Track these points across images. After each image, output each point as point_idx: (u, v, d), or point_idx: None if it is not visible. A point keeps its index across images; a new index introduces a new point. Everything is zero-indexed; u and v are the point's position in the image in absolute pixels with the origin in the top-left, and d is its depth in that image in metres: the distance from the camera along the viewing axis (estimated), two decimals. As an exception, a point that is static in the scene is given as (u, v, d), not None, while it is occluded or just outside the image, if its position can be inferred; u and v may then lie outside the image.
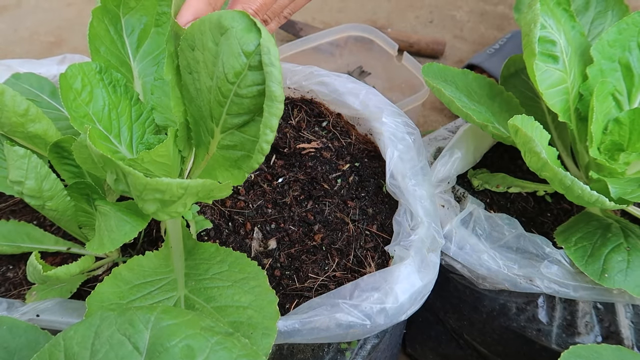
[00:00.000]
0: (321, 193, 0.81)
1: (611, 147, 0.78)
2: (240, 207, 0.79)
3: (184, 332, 0.45)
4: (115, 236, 0.57)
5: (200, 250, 0.67)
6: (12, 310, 0.66)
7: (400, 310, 0.64)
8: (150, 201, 0.53)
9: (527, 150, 0.67)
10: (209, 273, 0.64)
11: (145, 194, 0.51)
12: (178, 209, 0.56)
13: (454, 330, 0.93)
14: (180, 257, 0.67)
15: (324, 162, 0.85)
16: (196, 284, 0.63)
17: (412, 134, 0.82)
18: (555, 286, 0.72)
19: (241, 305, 0.59)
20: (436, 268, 0.69)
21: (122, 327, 0.46)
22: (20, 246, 0.72)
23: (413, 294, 0.65)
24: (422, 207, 0.74)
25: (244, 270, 0.63)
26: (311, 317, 0.63)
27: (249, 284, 0.61)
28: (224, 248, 0.66)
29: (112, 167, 0.52)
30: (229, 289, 0.61)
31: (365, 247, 0.75)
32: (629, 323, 0.75)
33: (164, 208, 0.55)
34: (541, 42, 0.76)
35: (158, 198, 0.52)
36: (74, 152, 0.57)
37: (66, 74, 0.59)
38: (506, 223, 0.78)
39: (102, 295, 0.59)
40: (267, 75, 0.48)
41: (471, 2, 1.90)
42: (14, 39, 1.76)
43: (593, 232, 0.74)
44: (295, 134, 0.89)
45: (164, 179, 0.49)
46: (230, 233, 0.76)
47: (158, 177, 0.49)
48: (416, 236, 0.71)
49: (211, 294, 0.61)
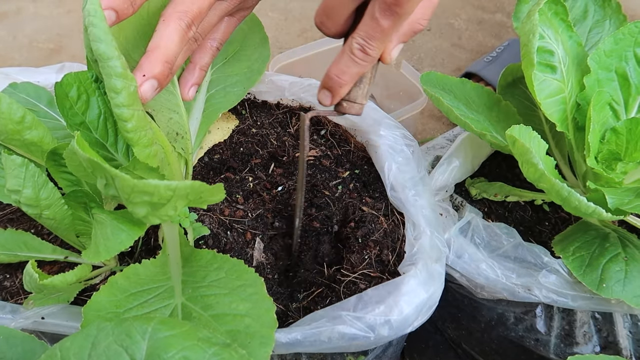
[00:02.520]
0: (323, 200, 0.81)
1: (608, 157, 0.78)
2: (239, 216, 0.79)
3: (181, 343, 0.45)
4: (111, 244, 0.56)
5: (198, 257, 0.66)
6: (16, 314, 0.66)
7: (405, 322, 0.64)
8: (140, 204, 0.52)
9: (524, 161, 0.67)
10: (206, 280, 0.63)
11: (133, 197, 0.51)
12: (169, 212, 0.55)
13: (452, 340, 0.93)
14: (177, 264, 0.67)
15: (323, 170, 0.85)
16: (193, 292, 0.62)
17: (410, 145, 0.82)
18: (553, 296, 0.72)
19: (239, 313, 0.59)
20: (441, 278, 0.69)
21: (119, 338, 0.45)
22: (18, 255, 0.72)
23: (418, 306, 0.65)
24: (423, 217, 0.74)
25: (242, 277, 0.62)
26: (313, 328, 0.63)
27: (247, 292, 0.61)
28: (221, 255, 0.65)
29: (100, 172, 0.52)
30: (226, 297, 0.60)
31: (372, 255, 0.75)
32: (627, 333, 0.75)
33: (154, 211, 0.54)
34: (539, 52, 0.76)
35: (147, 201, 0.51)
36: (66, 159, 0.56)
37: (62, 83, 0.59)
38: (504, 232, 0.78)
39: (98, 304, 0.59)
40: (91, 37, 0.50)
41: (469, 10, 1.90)
42: (13, 46, 1.77)
43: (591, 241, 0.75)
44: (294, 143, 0.89)
45: (151, 181, 0.48)
46: (229, 242, 0.76)
47: (146, 180, 0.49)
48: (419, 247, 0.71)
49: (208, 302, 0.60)
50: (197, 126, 0.80)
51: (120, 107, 0.54)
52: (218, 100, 0.82)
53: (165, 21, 0.59)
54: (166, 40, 0.59)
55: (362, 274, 0.72)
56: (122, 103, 0.54)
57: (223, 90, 0.83)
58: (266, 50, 0.86)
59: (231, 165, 0.85)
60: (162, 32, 0.59)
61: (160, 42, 0.59)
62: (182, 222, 0.70)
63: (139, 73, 0.57)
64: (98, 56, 0.51)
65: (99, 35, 0.50)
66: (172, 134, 0.71)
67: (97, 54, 0.51)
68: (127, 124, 0.55)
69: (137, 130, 0.57)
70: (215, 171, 0.85)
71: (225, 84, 0.84)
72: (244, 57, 0.86)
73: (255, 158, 0.87)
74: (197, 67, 0.71)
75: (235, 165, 0.86)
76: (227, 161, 0.86)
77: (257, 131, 0.90)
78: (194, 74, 0.70)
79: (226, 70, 0.85)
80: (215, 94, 0.83)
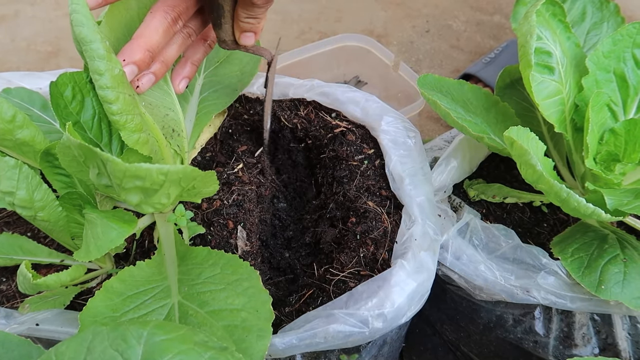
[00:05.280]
0: (345, 173, 0.81)
1: (607, 158, 0.78)
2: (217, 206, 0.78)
3: (177, 347, 0.45)
4: (102, 243, 0.56)
5: (193, 255, 0.66)
6: (10, 319, 0.66)
7: (398, 313, 0.64)
8: (132, 190, 0.52)
9: (522, 163, 0.67)
10: (201, 277, 0.63)
11: (125, 182, 0.51)
12: (162, 200, 0.55)
13: (451, 342, 0.92)
14: (173, 263, 0.66)
15: (349, 144, 0.85)
16: (189, 290, 0.62)
17: (412, 137, 0.82)
18: (552, 297, 0.71)
19: (235, 308, 0.59)
20: (430, 266, 0.68)
21: (114, 343, 0.45)
22: (13, 258, 0.71)
23: (409, 295, 0.65)
24: (417, 206, 0.74)
25: (237, 272, 0.62)
26: (308, 330, 0.63)
27: (242, 286, 0.61)
28: (215, 251, 0.65)
29: (93, 159, 0.52)
30: (222, 292, 0.60)
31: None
32: (626, 335, 0.74)
33: (147, 198, 0.54)
34: (537, 53, 0.76)
35: (139, 186, 0.51)
36: (58, 154, 0.56)
37: (57, 82, 0.59)
38: (503, 234, 0.78)
39: (94, 309, 0.58)
40: (73, 22, 0.51)
41: (467, 12, 1.90)
42: (11, 49, 1.76)
43: (589, 243, 0.74)
44: (307, 125, 0.89)
45: (142, 165, 0.49)
46: (214, 237, 0.75)
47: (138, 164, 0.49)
48: (409, 235, 0.71)
49: (204, 299, 0.60)
50: (190, 128, 0.80)
51: (104, 89, 0.55)
52: (211, 102, 0.83)
53: (152, 13, 0.63)
54: (150, 30, 0.62)
55: (351, 272, 0.71)
56: (106, 85, 0.54)
57: (215, 92, 0.84)
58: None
59: (219, 160, 0.86)
60: (147, 22, 0.62)
61: (144, 31, 0.62)
62: (179, 220, 0.70)
63: (120, 57, 0.60)
64: (80, 40, 0.52)
65: (80, 20, 0.51)
66: (168, 129, 0.70)
67: (80, 38, 0.52)
68: (112, 106, 0.56)
69: (122, 113, 0.57)
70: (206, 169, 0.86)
71: (217, 87, 0.84)
72: (235, 61, 0.87)
73: (242, 145, 0.87)
74: (188, 62, 0.73)
75: (223, 159, 0.86)
76: (216, 156, 0.86)
77: (249, 118, 0.90)
78: (185, 67, 0.73)
79: (218, 72, 0.85)
80: (207, 96, 0.83)
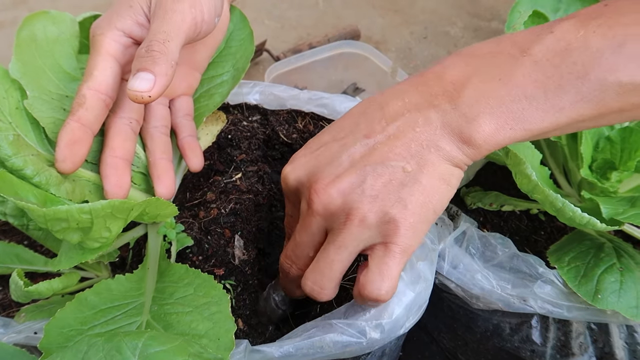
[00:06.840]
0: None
1: (603, 166, 0.78)
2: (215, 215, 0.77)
3: (172, 358, 0.45)
4: (73, 254, 0.55)
5: (171, 272, 0.65)
6: (8, 327, 0.65)
7: (396, 324, 0.64)
8: (65, 231, 0.51)
9: (518, 172, 0.67)
10: (173, 297, 0.61)
11: (52, 226, 0.50)
12: (103, 234, 0.54)
13: (448, 350, 0.92)
14: (153, 279, 0.65)
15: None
16: (159, 309, 0.60)
17: None
18: (548, 306, 0.71)
19: (197, 333, 0.57)
20: (427, 276, 0.68)
21: (109, 354, 0.45)
22: (10, 267, 0.71)
23: (407, 306, 0.65)
24: None
25: (208, 294, 0.60)
26: (305, 339, 0.63)
27: (210, 310, 0.59)
28: (193, 270, 0.63)
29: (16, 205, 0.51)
30: (187, 315, 0.59)
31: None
32: (623, 344, 0.74)
33: (87, 236, 0.53)
34: (532, 62, 0.76)
35: (66, 227, 0.50)
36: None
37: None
38: (499, 242, 0.78)
39: (62, 321, 0.57)
40: None
41: (465, 18, 1.91)
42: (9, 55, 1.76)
43: (586, 251, 0.74)
44: (308, 137, 0.88)
45: (60, 207, 0.47)
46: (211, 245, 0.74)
47: (61, 205, 0.48)
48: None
49: (170, 321, 0.59)
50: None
51: (8, 159, 0.53)
52: (203, 104, 0.80)
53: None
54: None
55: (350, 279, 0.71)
56: (8, 155, 0.53)
57: (207, 92, 0.81)
58: (251, 46, 0.83)
59: (218, 168, 0.85)
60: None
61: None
62: (168, 233, 0.69)
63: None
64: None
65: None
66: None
67: None
68: (24, 170, 0.54)
69: (38, 174, 0.56)
70: (205, 177, 0.85)
71: (209, 86, 0.82)
72: (229, 57, 0.83)
73: (240, 154, 0.86)
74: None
75: (221, 167, 0.85)
76: (215, 164, 0.86)
77: (248, 125, 0.90)
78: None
79: (210, 72, 0.82)
80: (199, 97, 0.81)
